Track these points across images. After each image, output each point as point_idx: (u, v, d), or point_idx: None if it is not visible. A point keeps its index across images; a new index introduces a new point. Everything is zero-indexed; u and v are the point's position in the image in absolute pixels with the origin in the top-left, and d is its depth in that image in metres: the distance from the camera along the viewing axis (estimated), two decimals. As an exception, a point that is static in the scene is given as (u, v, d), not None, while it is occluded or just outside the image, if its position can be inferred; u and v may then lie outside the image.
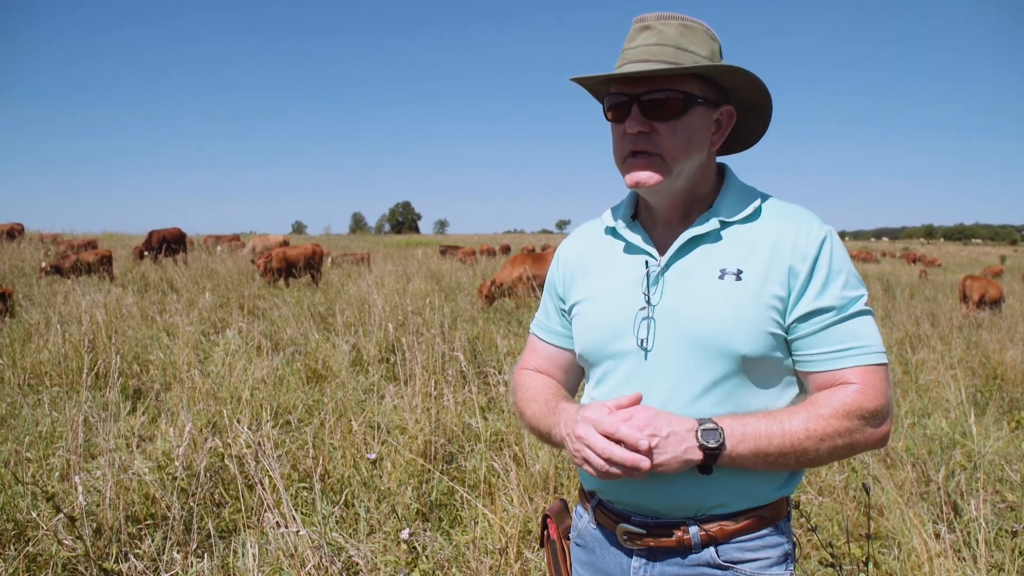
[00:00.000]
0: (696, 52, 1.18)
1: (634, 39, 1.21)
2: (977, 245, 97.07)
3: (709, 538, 1.18)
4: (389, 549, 2.94)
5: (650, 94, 1.17)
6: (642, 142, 1.18)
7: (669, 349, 1.18)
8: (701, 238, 1.22)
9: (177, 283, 10.95)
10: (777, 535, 1.22)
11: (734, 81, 1.22)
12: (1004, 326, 8.86)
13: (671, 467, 1.08)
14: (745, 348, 1.14)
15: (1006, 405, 5.35)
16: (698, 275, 1.20)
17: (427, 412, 4.07)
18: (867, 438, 1.14)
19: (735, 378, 1.17)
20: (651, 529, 1.21)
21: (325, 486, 3.38)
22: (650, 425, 1.07)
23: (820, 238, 1.17)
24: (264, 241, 18.92)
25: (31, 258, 14.27)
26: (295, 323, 7.01)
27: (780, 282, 1.15)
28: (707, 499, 1.18)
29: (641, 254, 1.27)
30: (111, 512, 2.90)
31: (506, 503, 3.14)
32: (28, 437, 3.78)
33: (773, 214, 1.23)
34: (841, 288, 1.16)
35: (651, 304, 1.21)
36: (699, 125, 1.20)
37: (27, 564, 2.70)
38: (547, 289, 1.46)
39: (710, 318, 1.16)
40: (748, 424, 1.11)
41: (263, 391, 4.69)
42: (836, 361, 1.15)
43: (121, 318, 7.12)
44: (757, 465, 1.12)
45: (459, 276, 12.62)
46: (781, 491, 1.21)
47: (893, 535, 3.02)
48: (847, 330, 1.15)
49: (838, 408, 1.12)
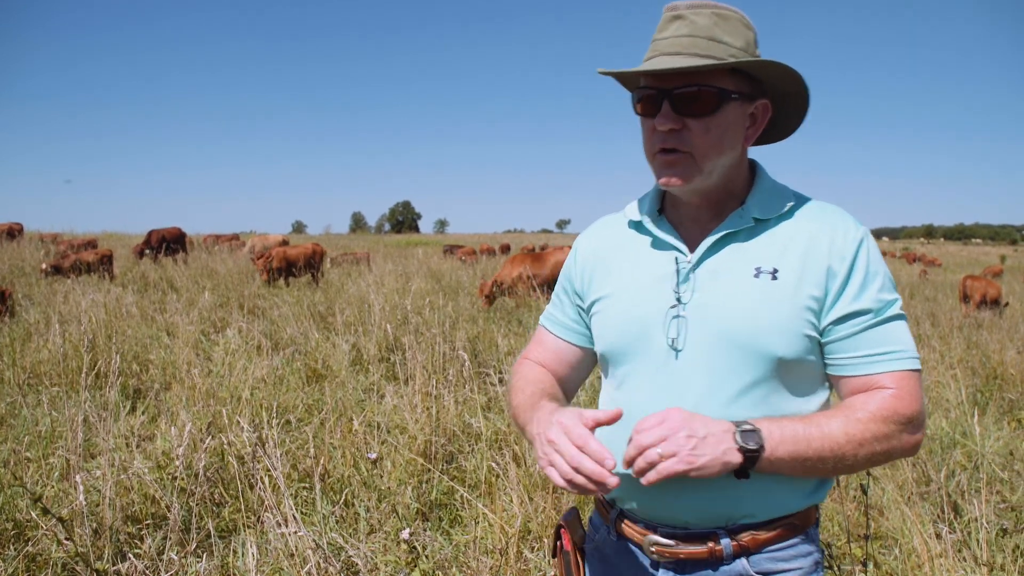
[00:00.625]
0: (730, 43, 1.11)
1: (665, 29, 1.14)
2: (977, 245, 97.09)
3: (741, 548, 1.13)
4: (389, 549, 2.94)
5: (681, 89, 1.10)
6: (672, 139, 1.12)
7: (702, 349, 1.13)
8: (733, 235, 1.17)
9: (177, 282, 10.95)
10: (808, 543, 1.18)
11: (771, 74, 1.16)
12: (1004, 326, 8.87)
13: (711, 470, 1.01)
14: (781, 350, 1.10)
15: (1006, 405, 5.35)
16: (732, 273, 1.15)
17: (427, 411, 4.07)
18: (903, 444, 1.11)
19: (770, 381, 1.12)
20: (680, 540, 1.16)
21: (325, 486, 3.37)
22: (685, 427, 1.01)
23: (858, 239, 1.13)
24: (263, 241, 18.91)
25: (31, 258, 14.28)
26: (295, 322, 7.01)
27: (817, 283, 1.11)
28: (738, 507, 1.13)
29: (670, 250, 1.21)
30: (111, 512, 2.90)
31: (506, 503, 3.13)
32: (28, 437, 3.78)
33: (808, 213, 1.18)
34: (878, 291, 1.12)
35: (682, 302, 1.16)
36: (733, 121, 1.14)
37: (27, 564, 2.70)
38: (562, 282, 1.39)
39: (746, 318, 1.11)
40: (786, 427, 1.06)
41: (263, 390, 4.68)
42: (872, 365, 1.11)
43: (121, 317, 7.12)
44: (795, 470, 1.07)
45: (459, 275, 12.62)
46: (811, 499, 1.17)
47: (893, 535, 3.02)
48: (883, 334, 1.11)
49: (876, 413, 1.08)
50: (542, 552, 2.82)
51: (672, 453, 1.00)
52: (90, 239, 20.15)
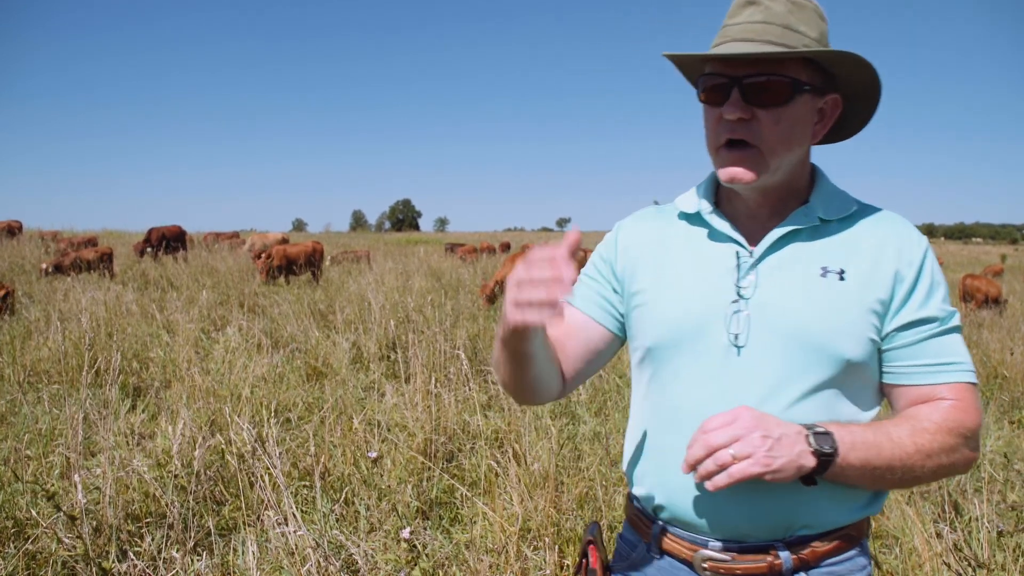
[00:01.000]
0: (805, 33, 1.06)
1: (737, 14, 1.09)
2: (977, 244, 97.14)
3: (801, 562, 1.07)
4: (389, 547, 2.94)
5: (753, 77, 1.05)
6: (740, 130, 1.07)
7: (768, 348, 1.07)
8: (797, 233, 1.13)
9: (177, 280, 10.95)
10: (863, 555, 1.14)
11: (845, 68, 1.10)
12: (1005, 325, 8.86)
13: (785, 473, 0.95)
14: (850, 352, 1.05)
15: (1007, 404, 5.35)
16: (797, 271, 1.10)
17: (427, 410, 4.07)
18: (964, 459, 1.07)
19: (834, 385, 1.07)
20: (736, 554, 1.08)
21: (325, 484, 3.37)
22: (759, 427, 0.95)
23: (924, 246, 1.11)
24: (263, 239, 18.90)
25: (31, 255, 14.28)
26: (295, 320, 7.00)
27: (884, 286, 1.08)
28: (798, 517, 1.07)
29: (729, 243, 1.15)
30: (111, 510, 2.90)
31: (506, 501, 3.13)
32: (28, 435, 3.78)
33: (872, 218, 1.15)
34: (942, 300, 1.09)
35: (743, 297, 1.10)
36: (803, 115, 1.09)
37: (27, 562, 2.70)
38: (596, 263, 1.29)
39: (816, 317, 1.06)
40: (856, 433, 1.01)
41: (263, 389, 4.69)
42: (935, 375, 1.07)
43: (121, 315, 7.12)
44: (861, 479, 1.03)
45: (460, 273, 12.61)
46: (867, 510, 1.11)
47: (894, 534, 3.02)
48: (945, 344, 1.08)
49: (942, 424, 1.04)
50: (542, 551, 2.82)
51: (747, 455, 0.94)
52: (90, 237, 20.14)
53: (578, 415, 4.45)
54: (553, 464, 3.35)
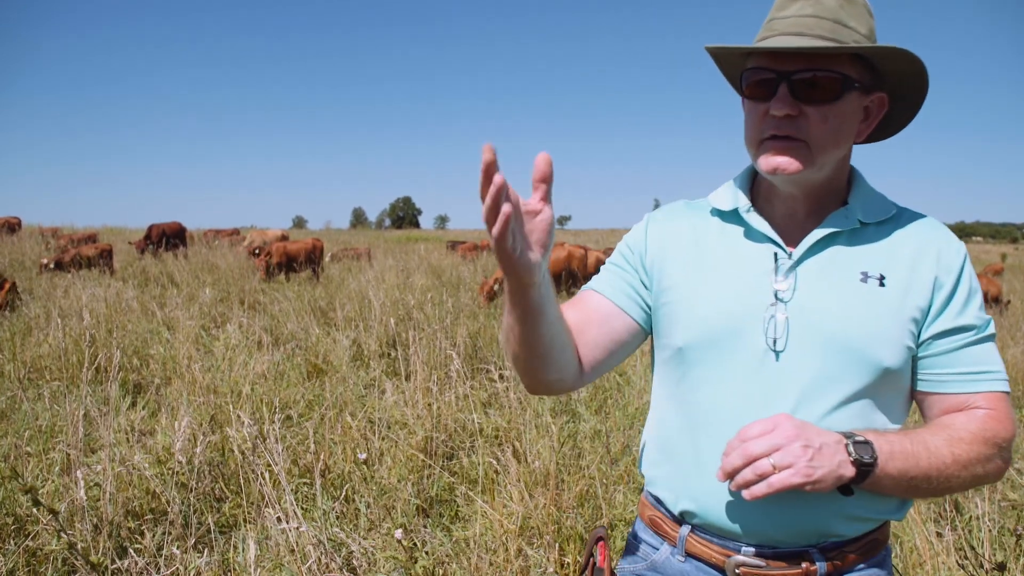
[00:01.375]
0: (855, 28, 1.04)
1: (786, 7, 1.06)
2: (978, 243, 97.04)
3: (834, 568, 1.06)
4: (389, 545, 2.94)
5: (802, 73, 1.03)
6: (787, 126, 1.04)
7: (806, 353, 1.05)
8: (837, 236, 1.10)
9: (177, 277, 10.95)
10: (887, 560, 1.15)
11: (895, 66, 1.07)
12: (1005, 324, 8.86)
13: (825, 484, 0.94)
14: (888, 360, 1.04)
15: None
16: (837, 275, 1.08)
17: (428, 407, 4.07)
18: (997, 469, 1.06)
19: (870, 393, 1.05)
20: (769, 560, 1.06)
21: (325, 481, 3.37)
22: (801, 436, 0.94)
23: (963, 253, 1.10)
24: (262, 236, 18.86)
25: (31, 252, 14.28)
26: (295, 318, 7.00)
27: (923, 293, 1.06)
28: (832, 524, 1.05)
29: (767, 243, 1.12)
30: (111, 507, 2.90)
31: (506, 499, 3.13)
32: (28, 431, 3.78)
33: (911, 222, 1.13)
34: (978, 308, 1.08)
35: (782, 300, 1.07)
36: (850, 112, 1.06)
37: (27, 559, 2.70)
38: (625, 253, 1.25)
39: (856, 323, 1.04)
40: (894, 442, 0.99)
41: (263, 386, 4.68)
42: (971, 384, 1.06)
43: (121, 312, 7.12)
44: (897, 488, 1.01)
45: (460, 271, 12.61)
46: (895, 515, 1.11)
47: (895, 533, 3.02)
48: (981, 353, 1.07)
49: (977, 433, 1.03)
50: (542, 548, 2.82)
51: (788, 464, 0.92)
52: (90, 233, 20.14)
53: (578, 413, 4.45)
54: (554, 462, 3.35)
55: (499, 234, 0.85)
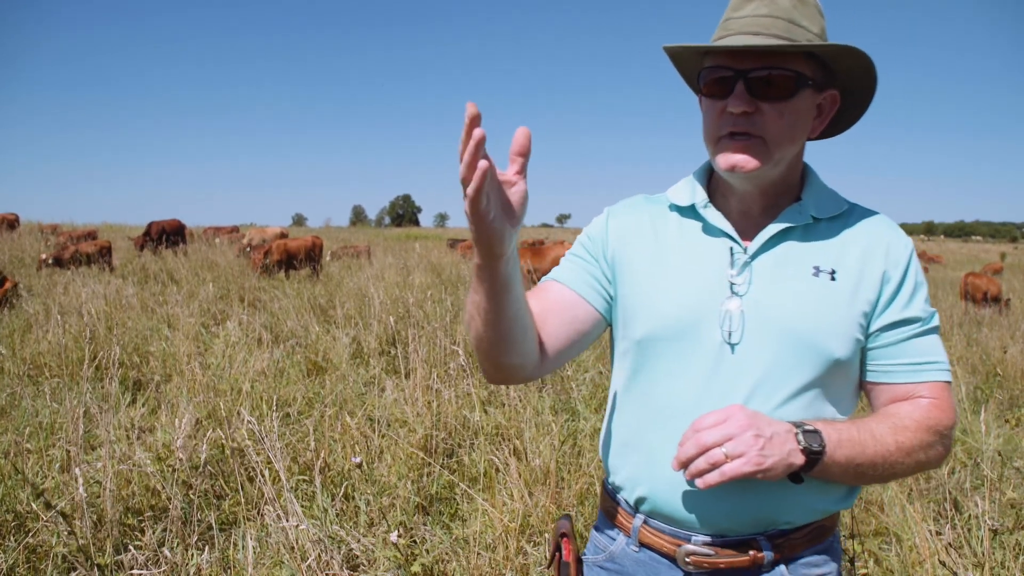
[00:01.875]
0: (808, 28, 1.08)
1: (741, 7, 1.10)
2: (977, 242, 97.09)
3: (781, 555, 1.10)
4: (389, 542, 2.94)
5: (759, 71, 1.06)
6: (744, 123, 1.07)
7: (761, 346, 1.08)
8: (790, 231, 1.14)
9: (177, 274, 10.94)
10: (835, 547, 1.18)
11: (846, 63, 1.10)
12: (1005, 323, 8.87)
13: (777, 471, 0.97)
14: (839, 351, 1.08)
15: (1007, 402, 5.35)
16: (790, 270, 1.11)
17: (428, 405, 4.07)
18: (939, 455, 1.10)
19: (821, 383, 1.09)
20: (718, 548, 1.10)
21: (325, 479, 3.37)
22: (753, 425, 0.97)
23: (910, 248, 1.14)
24: (261, 233, 18.81)
25: (31, 248, 14.26)
26: (295, 315, 7.00)
27: (873, 287, 1.10)
28: (780, 512, 1.09)
29: (724, 238, 1.15)
30: (111, 504, 2.90)
31: (506, 497, 3.14)
32: (28, 428, 3.78)
33: (860, 217, 1.17)
34: (924, 301, 1.13)
35: (737, 295, 1.11)
36: (804, 109, 1.10)
37: (27, 555, 2.70)
38: (586, 244, 1.26)
39: (809, 317, 1.08)
40: (842, 430, 1.03)
41: (263, 383, 4.68)
42: (916, 374, 1.11)
43: (121, 309, 7.12)
44: (844, 476, 1.05)
45: (460, 269, 12.60)
46: (842, 504, 1.15)
47: (894, 531, 3.03)
48: (926, 344, 1.12)
49: (921, 422, 1.07)
50: (542, 547, 2.82)
51: (740, 453, 0.95)
52: (90, 230, 20.11)
53: (578, 411, 4.45)
54: (554, 460, 3.36)
55: (474, 191, 0.85)
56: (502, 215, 0.93)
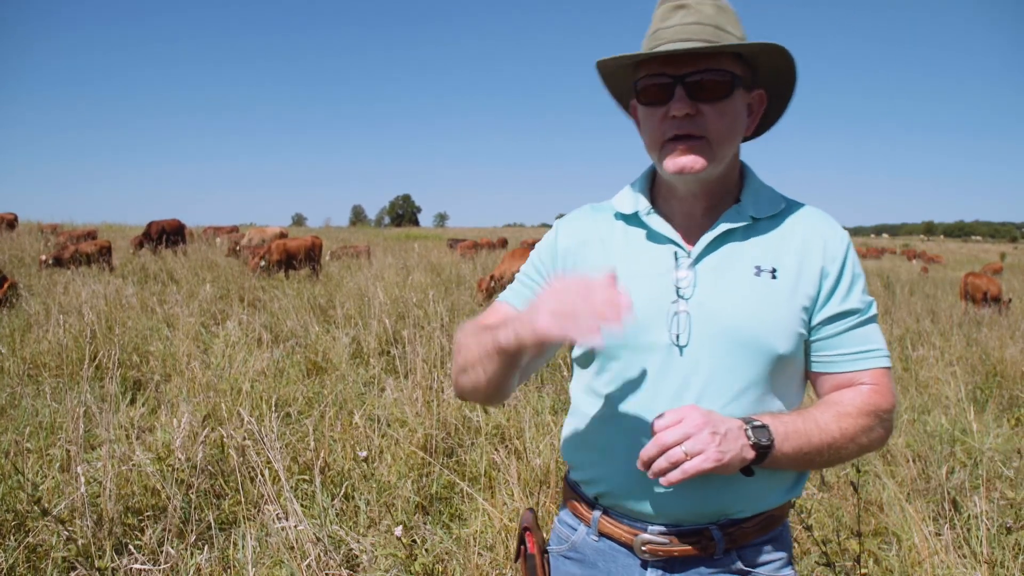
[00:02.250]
0: (732, 33, 1.13)
1: (668, 18, 1.14)
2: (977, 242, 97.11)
3: (732, 543, 1.16)
4: (389, 542, 2.94)
5: (696, 75, 1.10)
6: (688, 125, 1.11)
7: (706, 347, 1.13)
8: (731, 233, 1.18)
9: (177, 274, 10.94)
10: (785, 534, 1.23)
11: (772, 63, 1.16)
12: (1004, 323, 8.87)
13: (733, 466, 1.02)
14: (782, 348, 1.13)
15: (1006, 402, 5.35)
16: (732, 271, 1.16)
17: (427, 405, 4.07)
18: (879, 438, 1.17)
19: (768, 378, 1.14)
20: (672, 538, 1.16)
21: (325, 478, 3.37)
22: (708, 424, 1.01)
23: (846, 241, 1.19)
24: (261, 233, 18.75)
25: (31, 248, 14.25)
26: (295, 315, 7.00)
27: (812, 283, 1.15)
28: (731, 503, 1.15)
29: (667, 244, 1.20)
30: (111, 503, 2.90)
31: (506, 497, 3.14)
32: (28, 427, 3.78)
33: (799, 215, 1.21)
34: (861, 292, 1.18)
35: (683, 298, 1.15)
36: (740, 108, 1.15)
37: (27, 555, 2.70)
38: (535, 263, 1.31)
39: (751, 316, 1.12)
40: (788, 422, 1.09)
41: (263, 383, 4.68)
42: (856, 363, 1.16)
43: (121, 309, 7.12)
44: (794, 464, 1.10)
45: (460, 269, 12.60)
46: (791, 493, 1.21)
47: (894, 531, 3.03)
48: (865, 333, 1.17)
49: (861, 407, 1.13)
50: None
51: (699, 451, 0.99)
52: (90, 230, 20.10)
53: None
54: (554, 460, 3.36)
55: (557, 338, 0.95)
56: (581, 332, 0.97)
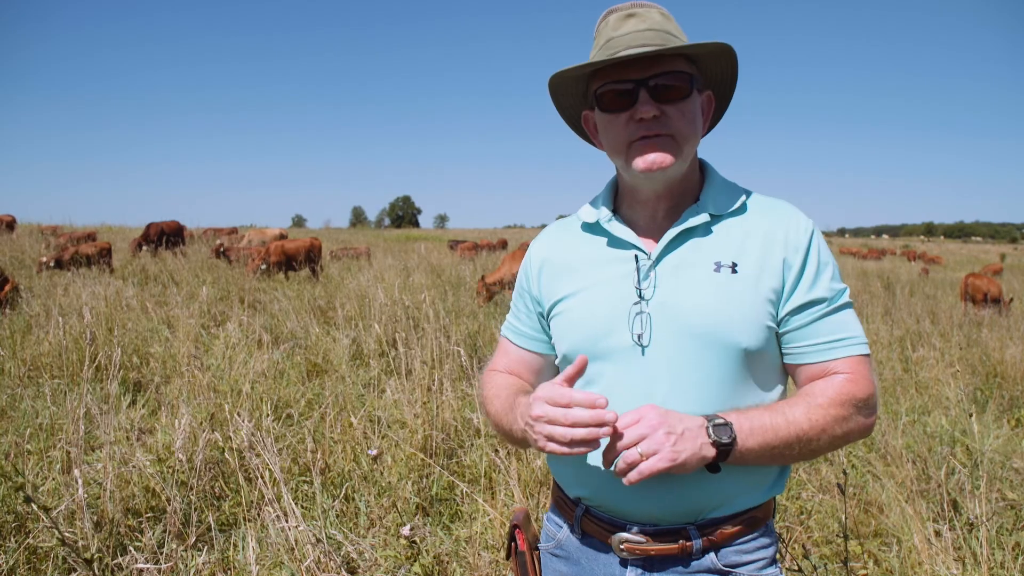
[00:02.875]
0: (680, 37, 1.18)
1: (620, 27, 1.18)
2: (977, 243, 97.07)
3: (710, 543, 1.16)
4: (389, 543, 2.94)
5: (657, 78, 1.13)
6: (655, 125, 1.14)
7: (668, 345, 1.15)
8: (691, 231, 1.20)
9: (177, 276, 10.94)
10: (768, 535, 1.23)
11: (719, 65, 1.21)
12: (1004, 324, 8.86)
13: (690, 465, 1.03)
14: (746, 341, 1.13)
15: (1006, 403, 5.35)
16: (692, 268, 1.18)
17: (427, 406, 4.08)
18: (859, 426, 1.16)
19: (735, 374, 1.15)
20: (651, 537, 1.17)
21: (325, 480, 3.37)
22: (664, 424, 1.03)
23: (809, 231, 1.19)
24: (260, 235, 18.69)
25: (31, 250, 14.25)
26: (295, 317, 7.00)
27: (775, 274, 1.16)
28: (708, 503, 1.15)
29: (629, 248, 1.23)
30: (111, 505, 2.90)
31: (506, 498, 3.14)
32: (28, 429, 3.78)
33: (759, 208, 1.23)
34: (830, 280, 1.17)
35: (644, 299, 1.17)
36: (697, 108, 1.19)
37: (27, 556, 2.70)
38: (519, 291, 1.40)
39: (710, 311, 1.13)
40: (754, 418, 1.09)
41: (263, 384, 4.68)
42: (828, 352, 1.16)
43: (121, 310, 7.12)
44: (763, 459, 1.10)
45: (460, 270, 12.60)
46: (772, 491, 1.21)
47: (894, 532, 3.03)
48: (836, 321, 1.17)
49: (834, 398, 1.13)
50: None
51: (653, 451, 1.01)
52: (90, 232, 20.09)
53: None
54: (553, 461, 3.35)
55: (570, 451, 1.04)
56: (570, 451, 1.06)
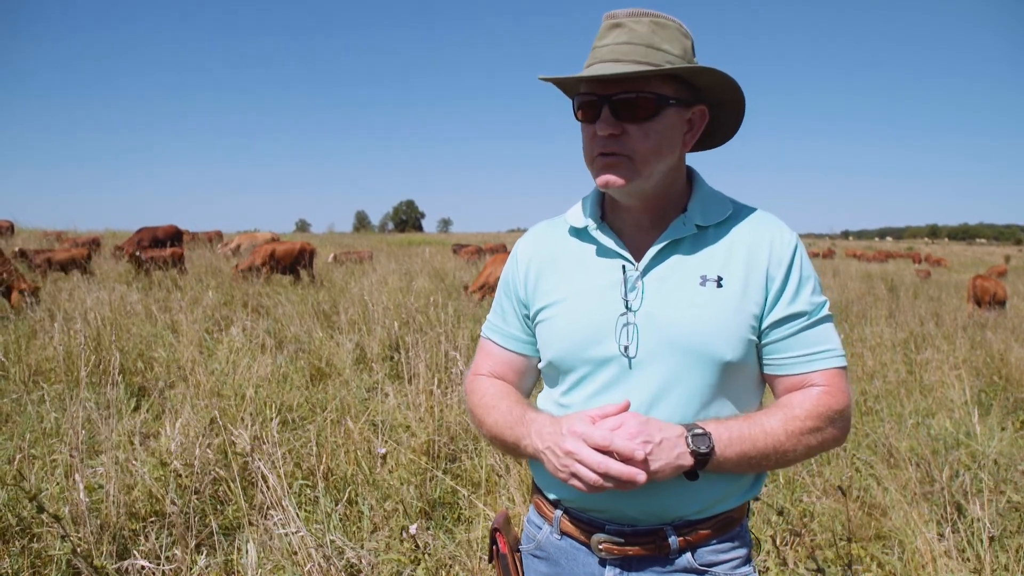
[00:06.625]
0: (668, 51, 1.15)
1: (604, 37, 1.17)
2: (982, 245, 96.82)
3: (687, 544, 1.19)
4: (392, 547, 2.95)
5: (621, 95, 1.13)
6: (612, 144, 1.15)
7: (654, 356, 1.17)
8: (677, 243, 1.22)
9: (180, 281, 10.97)
10: (743, 534, 1.26)
11: (707, 80, 1.19)
12: (1009, 326, 8.84)
13: (665, 474, 1.06)
14: (729, 355, 1.15)
15: (1011, 405, 5.33)
16: (678, 281, 1.19)
17: (430, 411, 4.08)
18: (834, 436, 1.18)
19: (716, 385, 1.17)
20: (628, 537, 1.19)
21: (328, 484, 3.38)
22: (643, 432, 1.05)
23: (793, 245, 1.20)
24: (251, 239, 18.36)
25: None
26: (299, 321, 7.02)
27: (759, 288, 1.18)
28: (685, 505, 1.18)
29: (615, 258, 1.24)
30: (114, 509, 2.91)
31: (507, 502, 3.14)
32: (32, 434, 3.79)
33: (745, 220, 1.24)
34: (810, 294, 1.19)
35: (631, 309, 1.19)
36: (670, 126, 1.17)
37: (31, 560, 2.71)
38: (504, 291, 1.39)
39: (695, 325, 1.15)
40: (732, 428, 1.12)
41: (267, 389, 4.69)
42: (806, 364, 1.18)
43: (125, 315, 7.14)
44: (740, 468, 1.13)
45: (463, 275, 12.61)
46: (748, 495, 1.23)
47: (897, 535, 3.02)
48: (816, 335, 1.19)
49: (811, 409, 1.15)
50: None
51: None
52: (93, 237, 20.16)
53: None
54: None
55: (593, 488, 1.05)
56: (588, 489, 1.08)
